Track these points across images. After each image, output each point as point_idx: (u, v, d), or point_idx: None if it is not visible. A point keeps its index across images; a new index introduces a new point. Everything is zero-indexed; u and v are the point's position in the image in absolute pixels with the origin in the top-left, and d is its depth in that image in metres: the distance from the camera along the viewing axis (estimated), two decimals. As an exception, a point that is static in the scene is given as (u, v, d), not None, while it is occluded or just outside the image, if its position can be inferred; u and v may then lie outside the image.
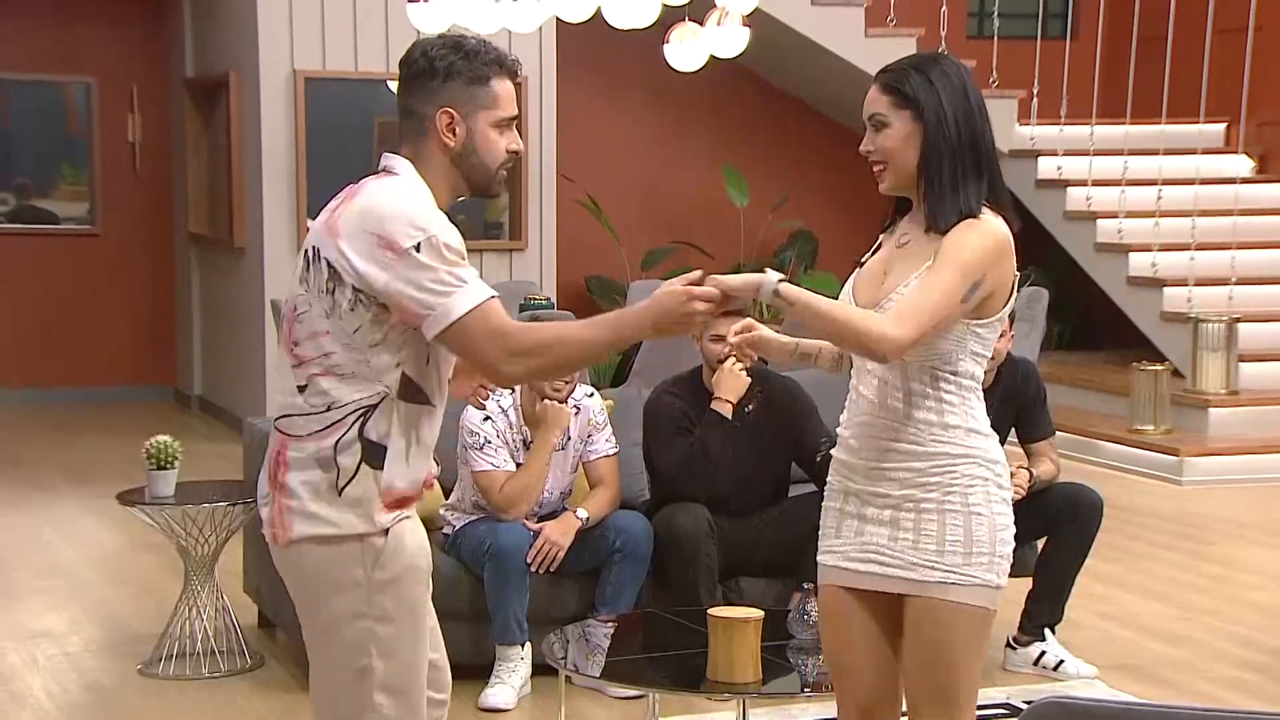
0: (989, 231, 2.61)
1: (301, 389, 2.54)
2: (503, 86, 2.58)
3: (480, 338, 2.47)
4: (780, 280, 2.56)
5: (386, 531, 2.54)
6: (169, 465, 4.55)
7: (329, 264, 2.51)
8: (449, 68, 2.55)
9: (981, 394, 2.70)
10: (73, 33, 9.61)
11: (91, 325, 9.76)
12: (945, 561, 2.62)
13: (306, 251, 2.58)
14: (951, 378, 2.64)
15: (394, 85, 9.97)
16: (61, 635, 5.04)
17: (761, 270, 2.63)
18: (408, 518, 2.60)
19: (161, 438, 4.59)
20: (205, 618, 4.60)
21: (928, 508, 2.63)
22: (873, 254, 2.76)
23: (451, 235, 2.50)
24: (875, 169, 2.67)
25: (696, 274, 2.51)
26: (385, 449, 2.52)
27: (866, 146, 2.66)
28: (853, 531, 2.70)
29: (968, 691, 2.69)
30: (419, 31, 7.20)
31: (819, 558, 2.77)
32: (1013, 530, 2.69)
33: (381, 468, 2.53)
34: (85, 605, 5.43)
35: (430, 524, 4.42)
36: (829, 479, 2.77)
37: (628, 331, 2.53)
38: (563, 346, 2.50)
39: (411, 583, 2.57)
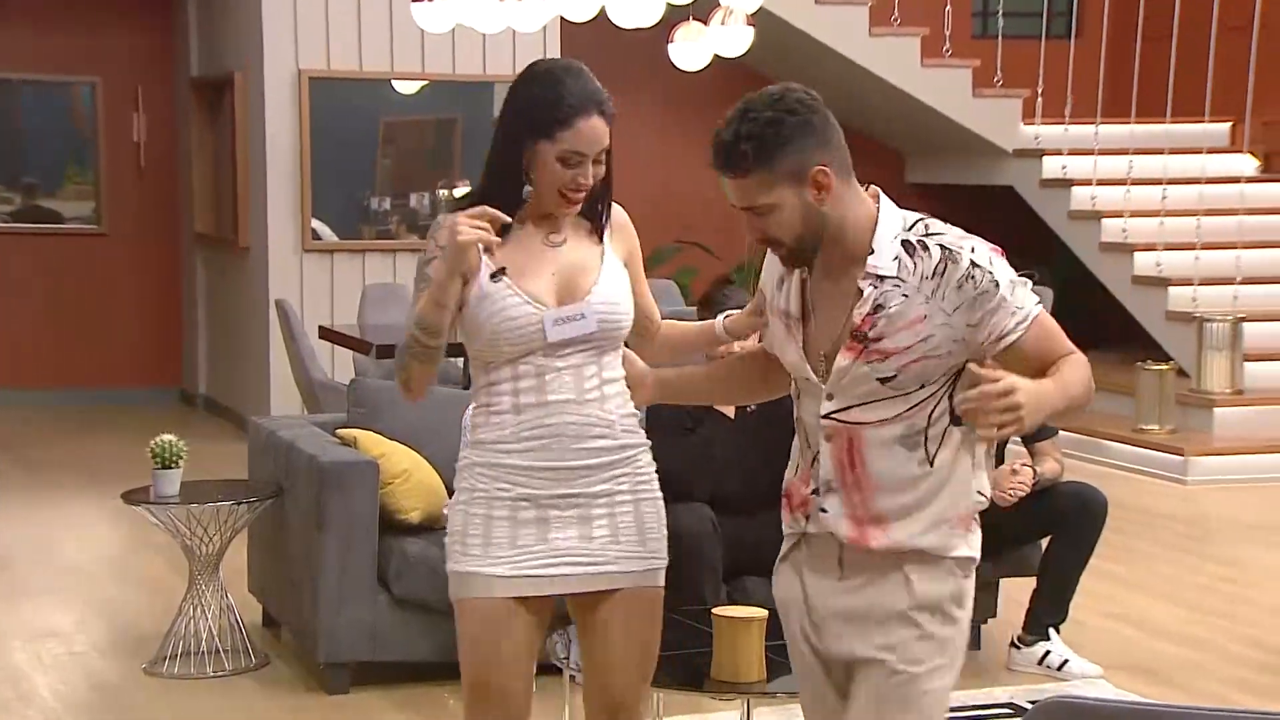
0: None
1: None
2: None
3: None
4: None
5: None
6: (174, 464, 4.56)
7: None
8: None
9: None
10: (78, 33, 9.62)
11: (97, 325, 9.77)
12: (648, 549, 2.78)
13: None
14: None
15: (399, 85, 9.88)
16: (67, 634, 5.05)
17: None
18: None
19: (166, 437, 4.59)
20: (210, 617, 4.61)
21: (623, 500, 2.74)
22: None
23: None
24: None
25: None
26: None
27: None
28: (533, 539, 2.67)
29: None
30: (423, 31, 7.21)
31: (479, 568, 2.65)
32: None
33: None
34: (91, 604, 5.44)
35: (433, 523, 4.44)
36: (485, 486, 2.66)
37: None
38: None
39: None
